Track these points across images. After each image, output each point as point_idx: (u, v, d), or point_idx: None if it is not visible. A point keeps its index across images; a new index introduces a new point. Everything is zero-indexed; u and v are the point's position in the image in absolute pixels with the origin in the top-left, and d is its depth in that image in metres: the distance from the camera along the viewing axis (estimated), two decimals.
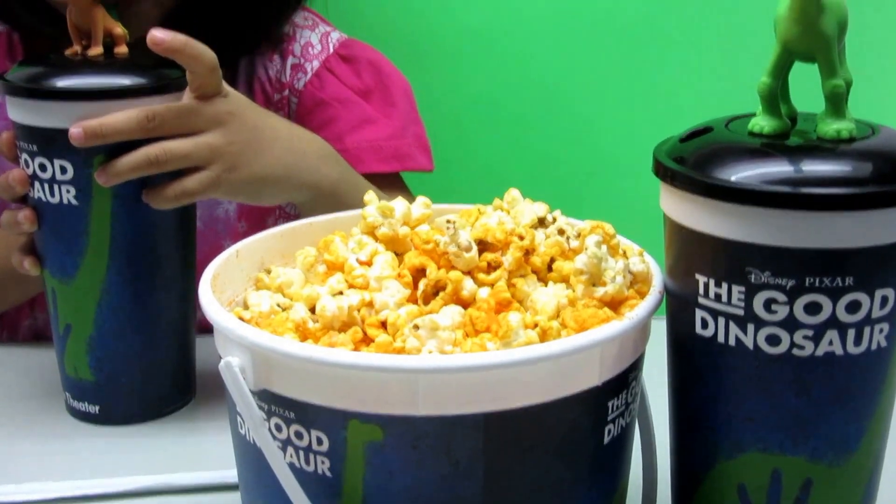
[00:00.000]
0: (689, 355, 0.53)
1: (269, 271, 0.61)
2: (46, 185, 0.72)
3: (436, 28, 1.11)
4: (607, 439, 0.53)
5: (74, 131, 0.68)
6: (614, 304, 0.54)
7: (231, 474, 0.61)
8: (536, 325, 0.51)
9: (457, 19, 1.11)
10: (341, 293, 0.55)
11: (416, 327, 0.51)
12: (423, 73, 1.06)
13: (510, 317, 0.51)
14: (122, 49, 0.75)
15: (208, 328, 0.53)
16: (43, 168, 0.71)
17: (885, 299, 0.48)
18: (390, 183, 0.95)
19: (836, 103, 0.51)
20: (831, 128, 0.50)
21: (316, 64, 0.97)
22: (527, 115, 1.12)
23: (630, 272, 0.55)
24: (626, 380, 0.53)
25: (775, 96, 0.52)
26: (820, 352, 0.49)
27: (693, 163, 0.50)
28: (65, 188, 0.71)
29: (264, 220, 0.98)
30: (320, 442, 0.49)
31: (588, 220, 0.58)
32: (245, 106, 0.78)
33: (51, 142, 0.71)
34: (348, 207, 0.68)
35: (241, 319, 0.53)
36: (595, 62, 1.10)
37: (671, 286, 0.54)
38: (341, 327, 0.54)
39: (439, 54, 1.11)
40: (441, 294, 0.54)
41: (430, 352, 0.50)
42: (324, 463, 0.50)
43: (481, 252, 0.56)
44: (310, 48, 0.97)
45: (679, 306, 0.53)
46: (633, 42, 1.09)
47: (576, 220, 0.60)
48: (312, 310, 0.55)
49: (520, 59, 1.11)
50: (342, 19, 1.03)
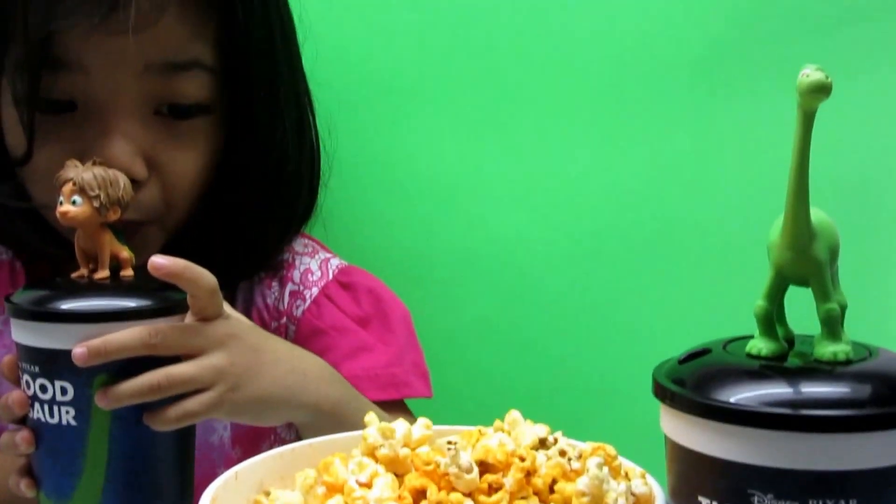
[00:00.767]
0: None
1: (267, 493, 0.60)
2: (46, 406, 0.72)
3: (435, 253, 1.13)
4: None
5: (78, 351, 0.69)
6: None
7: None
8: None
9: (456, 245, 1.13)
10: None
11: None
12: (422, 297, 1.07)
13: None
14: (128, 272, 0.76)
15: None
16: (44, 389, 0.72)
17: None
18: (393, 408, 0.94)
19: (832, 326, 0.52)
20: (828, 350, 0.51)
21: (315, 291, 0.98)
22: (526, 338, 1.12)
23: (633, 494, 0.55)
24: None
25: (771, 319, 0.53)
26: None
27: (693, 384, 0.51)
28: (64, 409, 0.71)
29: (259, 445, 0.97)
30: None
31: (589, 442, 0.58)
32: (246, 328, 0.79)
33: (53, 363, 0.71)
34: (350, 428, 0.68)
35: None
36: (592, 284, 1.12)
37: None
38: None
39: (438, 279, 1.13)
40: None
41: None
42: None
43: (482, 474, 0.55)
44: (309, 275, 0.99)
45: None
46: (630, 264, 1.11)
47: (577, 441, 0.60)
48: None
49: (518, 284, 1.13)
50: (342, 245, 1.05)
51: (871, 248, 1.04)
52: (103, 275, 0.75)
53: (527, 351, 1.12)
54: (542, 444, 0.60)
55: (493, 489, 0.55)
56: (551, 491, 0.56)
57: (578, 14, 1.10)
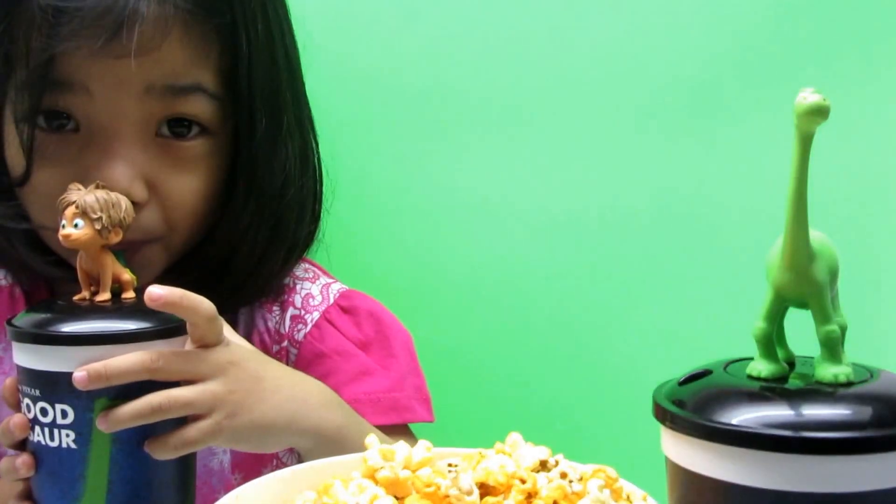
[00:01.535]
0: None
1: None
2: (46, 429, 0.72)
3: (436, 277, 1.13)
4: None
5: (78, 375, 0.69)
6: None
7: None
8: None
9: (456, 269, 1.14)
10: None
11: None
12: (424, 321, 1.07)
13: None
14: (130, 294, 0.76)
15: None
16: (44, 412, 0.72)
17: None
18: (395, 433, 0.94)
19: (832, 348, 0.52)
20: (829, 372, 0.51)
21: (316, 315, 0.98)
22: (527, 360, 1.12)
23: None
24: None
25: (771, 340, 0.53)
26: None
27: (693, 406, 0.51)
28: (65, 432, 0.71)
29: (259, 471, 0.96)
30: None
31: (591, 464, 0.58)
32: (247, 354, 0.79)
33: (54, 386, 0.71)
34: (352, 452, 0.67)
35: None
36: (592, 307, 1.12)
37: None
38: None
39: (440, 303, 1.13)
40: None
41: None
42: None
43: (483, 496, 0.55)
44: (310, 299, 0.99)
45: None
46: (631, 285, 1.11)
47: (578, 463, 0.60)
48: None
49: (519, 307, 1.13)
50: (344, 270, 1.05)
51: (871, 270, 1.05)
52: (105, 297, 0.75)
53: (528, 373, 1.12)
54: (543, 466, 0.59)
55: None
56: None
57: (580, 36, 1.10)
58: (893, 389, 0.51)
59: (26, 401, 0.73)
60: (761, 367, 0.53)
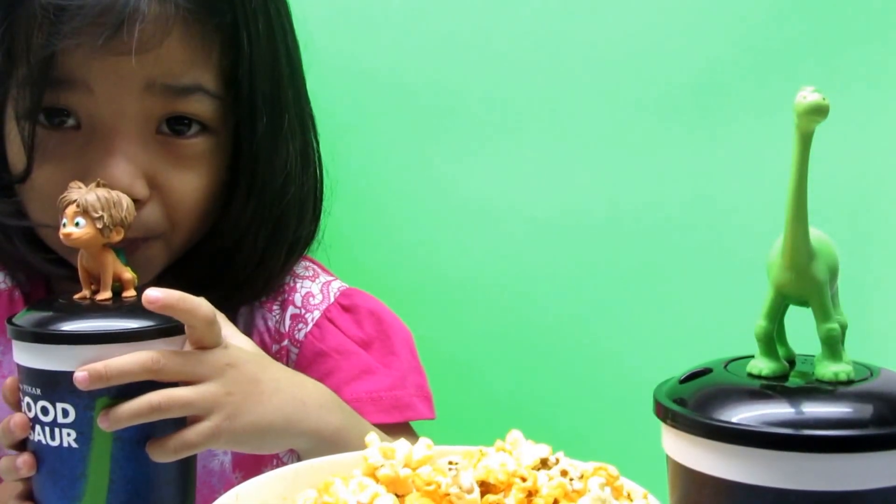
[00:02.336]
0: None
1: None
2: (47, 429, 0.72)
3: (436, 275, 1.13)
4: None
5: (79, 375, 0.69)
6: None
7: None
8: None
9: (457, 267, 1.14)
10: None
11: None
12: (424, 319, 1.07)
13: None
14: (131, 293, 0.76)
15: None
16: (45, 411, 0.71)
17: None
18: (397, 431, 0.94)
19: (832, 346, 0.52)
20: (829, 370, 0.51)
21: (317, 314, 0.98)
22: (527, 358, 1.12)
23: None
24: None
25: (772, 339, 0.53)
26: None
27: (694, 404, 0.51)
28: (66, 431, 0.71)
29: (260, 471, 0.96)
30: None
31: (591, 462, 0.58)
32: (245, 356, 0.79)
33: (55, 385, 0.71)
34: None
35: None
36: (593, 305, 1.12)
37: None
38: None
39: (440, 301, 1.13)
40: None
41: None
42: None
43: (483, 494, 0.55)
44: (311, 298, 0.99)
45: None
46: (631, 284, 1.11)
47: (579, 461, 0.60)
48: None
49: (519, 305, 1.13)
50: (344, 268, 1.05)
51: (872, 268, 1.05)
52: (106, 296, 0.75)
53: (528, 371, 1.12)
54: (544, 464, 0.59)
55: None
56: None
57: (581, 39, 1.10)
58: (894, 387, 0.51)
59: (27, 400, 0.73)
60: (762, 366, 0.53)
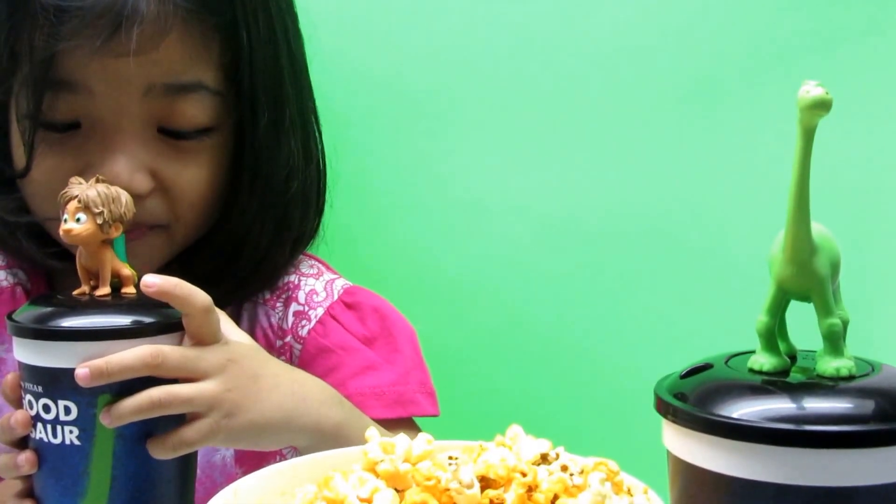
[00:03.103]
0: None
1: None
2: (49, 426, 0.72)
3: (439, 272, 1.14)
4: None
5: (80, 371, 0.69)
6: None
7: None
8: None
9: (459, 263, 1.14)
10: None
11: None
12: (425, 315, 1.07)
13: None
14: (130, 289, 0.76)
15: None
16: (47, 409, 0.71)
17: None
18: (400, 427, 0.94)
19: (834, 342, 0.52)
20: (830, 366, 0.51)
21: (320, 311, 0.98)
22: (528, 353, 1.13)
23: None
24: None
25: (773, 334, 0.53)
26: None
27: (695, 399, 0.51)
28: (68, 428, 0.71)
29: (262, 465, 0.97)
30: None
31: (591, 457, 0.58)
32: (245, 352, 0.79)
33: (57, 382, 0.71)
34: None
35: None
36: (594, 300, 1.12)
37: None
38: None
39: (443, 297, 1.14)
40: None
41: None
42: None
43: (483, 489, 0.55)
44: (314, 295, 0.99)
45: None
46: (632, 279, 1.11)
47: (579, 456, 0.60)
48: None
49: (521, 301, 1.13)
50: (346, 265, 1.05)
51: (874, 263, 1.04)
52: (104, 292, 0.75)
53: (528, 366, 1.12)
54: (544, 459, 0.59)
55: None
56: None
57: (580, 37, 1.10)
58: (895, 383, 0.51)
59: (28, 397, 0.73)
60: (763, 361, 0.53)
